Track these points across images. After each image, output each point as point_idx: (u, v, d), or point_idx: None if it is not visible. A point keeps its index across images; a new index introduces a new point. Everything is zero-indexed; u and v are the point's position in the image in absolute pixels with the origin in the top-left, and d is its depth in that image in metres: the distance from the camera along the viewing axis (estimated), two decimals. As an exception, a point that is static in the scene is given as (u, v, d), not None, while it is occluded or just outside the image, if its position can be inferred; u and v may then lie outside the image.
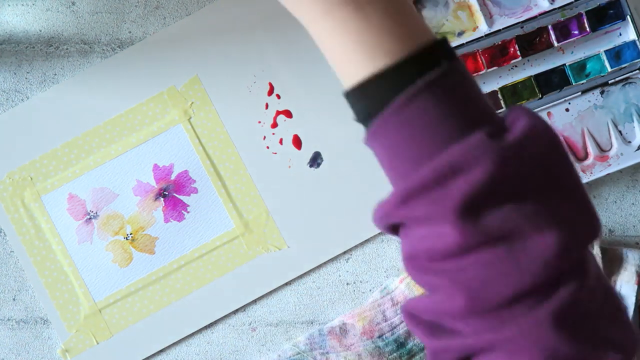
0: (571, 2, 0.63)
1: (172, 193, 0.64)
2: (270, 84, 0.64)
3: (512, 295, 0.34)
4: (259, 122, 0.64)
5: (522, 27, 0.64)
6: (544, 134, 0.36)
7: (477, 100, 0.37)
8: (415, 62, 0.36)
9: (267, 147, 0.64)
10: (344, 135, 0.64)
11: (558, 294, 0.34)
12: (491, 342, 0.35)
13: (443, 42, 0.37)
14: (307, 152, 0.65)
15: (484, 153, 0.34)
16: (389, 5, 0.37)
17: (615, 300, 0.38)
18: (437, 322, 0.37)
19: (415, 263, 0.37)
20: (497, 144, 0.34)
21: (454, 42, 0.63)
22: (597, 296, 0.36)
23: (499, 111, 0.63)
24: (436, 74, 0.35)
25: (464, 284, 0.35)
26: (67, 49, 0.65)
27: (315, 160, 0.64)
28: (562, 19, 0.63)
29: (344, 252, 0.64)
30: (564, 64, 0.64)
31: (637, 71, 0.64)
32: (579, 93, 0.64)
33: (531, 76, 0.63)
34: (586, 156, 0.64)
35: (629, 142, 0.64)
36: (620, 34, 0.64)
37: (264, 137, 0.64)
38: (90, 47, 0.65)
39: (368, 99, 0.37)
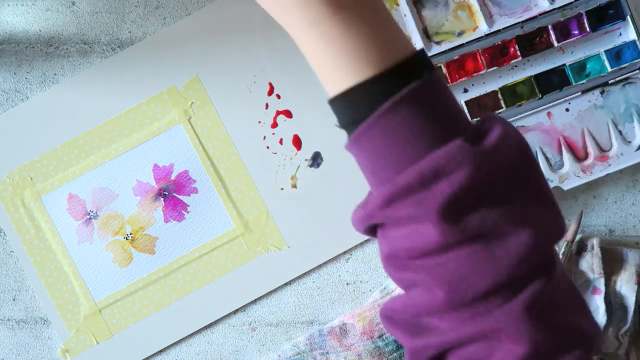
0: (571, 2, 0.63)
1: (172, 193, 0.64)
2: (270, 84, 0.64)
3: (489, 287, 0.37)
4: (259, 122, 0.64)
5: (522, 27, 0.64)
6: (515, 140, 0.39)
7: (454, 109, 0.39)
8: (398, 72, 0.38)
9: (267, 147, 0.64)
10: (344, 135, 0.64)
11: (530, 287, 0.37)
12: (470, 335, 0.38)
13: (422, 53, 0.40)
14: (307, 152, 0.65)
15: (464, 158, 0.36)
16: (374, 19, 0.39)
17: (579, 294, 0.41)
18: (415, 321, 0.40)
19: (395, 261, 0.40)
20: (475, 149, 0.37)
21: (454, 42, 0.63)
22: (564, 290, 0.40)
23: (474, 119, 0.63)
24: (418, 84, 0.37)
25: (444, 278, 0.38)
26: (67, 49, 0.65)
27: (315, 160, 0.64)
28: (562, 19, 0.63)
29: (344, 252, 0.64)
30: (564, 64, 0.64)
31: (637, 71, 0.64)
32: (579, 93, 0.64)
33: (531, 76, 0.63)
34: (586, 156, 0.64)
35: (629, 142, 0.64)
36: (620, 34, 0.64)
37: (264, 137, 0.64)
38: (90, 47, 0.65)
39: (352, 107, 0.39)
